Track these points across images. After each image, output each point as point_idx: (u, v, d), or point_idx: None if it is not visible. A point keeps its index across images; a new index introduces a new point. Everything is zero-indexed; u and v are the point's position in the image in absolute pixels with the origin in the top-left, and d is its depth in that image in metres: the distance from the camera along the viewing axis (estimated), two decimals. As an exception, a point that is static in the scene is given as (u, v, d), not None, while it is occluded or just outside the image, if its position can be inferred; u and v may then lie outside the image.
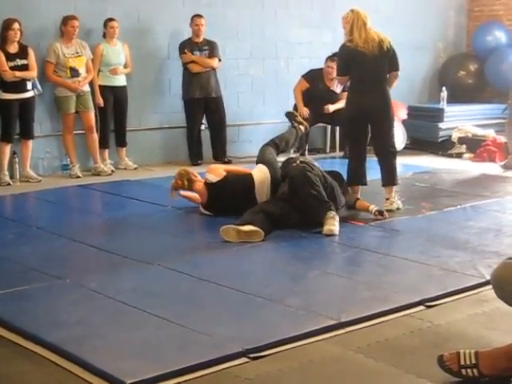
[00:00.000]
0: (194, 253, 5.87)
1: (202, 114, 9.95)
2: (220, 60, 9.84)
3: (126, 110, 9.43)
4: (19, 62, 8.49)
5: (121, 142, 9.53)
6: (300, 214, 6.44)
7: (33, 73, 8.60)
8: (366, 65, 7.04)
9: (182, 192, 7.18)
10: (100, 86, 9.20)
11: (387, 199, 7.19)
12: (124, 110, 9.41)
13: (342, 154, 10.47)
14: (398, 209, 7.15)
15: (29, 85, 8.60)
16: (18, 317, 4.43)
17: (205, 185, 7.00)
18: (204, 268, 5.40)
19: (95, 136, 9.14)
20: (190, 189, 7.11)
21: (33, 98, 8.67)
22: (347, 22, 7.08)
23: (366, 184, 7.22)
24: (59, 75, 8.88)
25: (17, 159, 8.82)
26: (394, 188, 7.30)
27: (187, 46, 9.70)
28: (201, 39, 9.78)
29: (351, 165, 7.31)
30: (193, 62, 9.69)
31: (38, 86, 8.70)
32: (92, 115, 9.11)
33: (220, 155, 10.02)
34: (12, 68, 8.46)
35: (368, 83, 7.09)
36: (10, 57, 8.46)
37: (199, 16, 9.71)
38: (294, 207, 6.46)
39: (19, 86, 8.52)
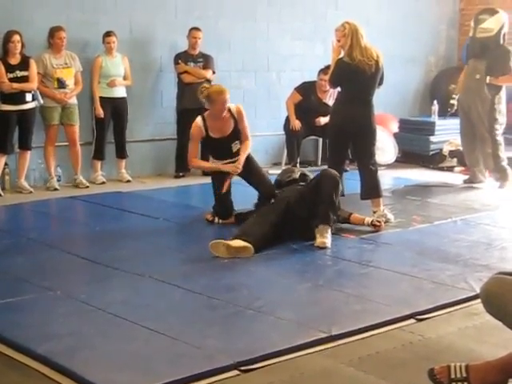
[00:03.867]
0: (185, 265, 5.86)
1: (191, 125, 9.92)
2: (214, 72, 9.85)
3: (126, 121, 9.42)
4: (19, 73, 8.47)
5: (121, 154, 9.52)
6: (300, 221, 6.44)
7: (31, 85, 8.57)
8: (361, 81, 7.04)
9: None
10: (99, 98, 9.20)
11: (374, 212, 7.19)
12: (124, 122, 9.40)
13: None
14: (387, 221, 7.15)
15: (28, 96, 8.56)
16: (8, 328, 4.42)
17: None
18: (195, 280, 5.40)
19: (78, 149, 9.11)
20: None
21: (33, 109, 8.66)
22: (344, 36, 7.03)
23: (343, 195, 7.15)
24: (46, 86, 8.87)
25: (7, 170, 8.81)
26: (382, 201, 7.31)
27: (182, 57, 9.72)
28: (197, 52, 9.79)
29: None
30: (186, 72, 9.71)
31: (39, 98, 8.68)
32: (76, 128, 9.08)
33: None
34: (11, 79, 8.43)
35: (358, 97, 7.11)
36: (10, 68, 8.44)
37: (197, 29, 9.73)
38: (295, 213, 6.47)
39: (18, 97, 8.50)
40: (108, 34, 9.18)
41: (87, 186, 9.05)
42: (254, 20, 10.67)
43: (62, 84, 8.88)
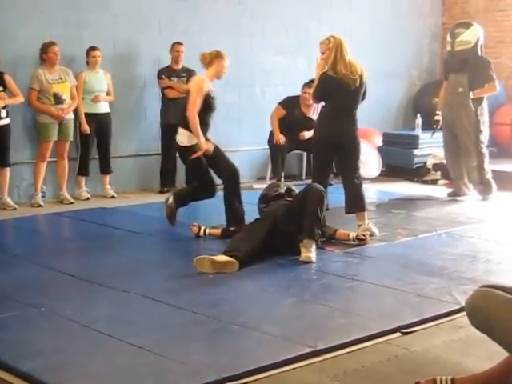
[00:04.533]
0: (170, 280, 5.85)
1: (175, 141, 9.92)
2: None
3: (110, 137, 9.41)
4: None
5: (105, 170, 9.50)
6: (286, 236, 6.45)
7: (20, 98, 8.57)
8: (345, 96, 7.07)
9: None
10: (84, 114, 9.18)
11: (359, 226, 7.20)
12: (108, 137, 9.39)
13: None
14: (372, 235, 7.16)
15: (3, 112, 8.50)
16: (-8, 346, 4.39)
17: None
18: (180, 296, 5.38)
19: (66, 163, 9.11)
20: None
21: (7, 125, 8.59)
22: (329, 49, 7.06)
23: (328, 209, 7.12)
24: (43, 102, 8.85)
25: (-9, 186, 8.80)
26: (366, 214, 7.31)
27: (165, 72, 9.72)
28: (180, 66, 9.81)
29: None
30: (169, 87, 9.71)
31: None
32: (68, 144, 9.09)
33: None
34: None
35: (342, 111, 7.13)
36: None
37: (179, 43, 9.76)
38: (282, 228, 6.48)
39: None
40: (92, 48, 9.18)
41: (72, 202, 9.02)
42: (237, 34, 10.70)
43: (58, 99, 8.87)
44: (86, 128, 9.15)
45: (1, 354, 4.27)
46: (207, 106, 7.54)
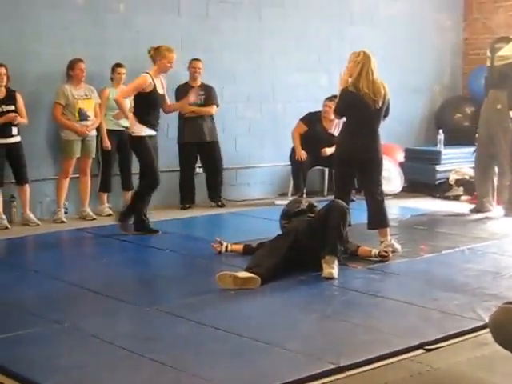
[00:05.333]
0: (192, 296, 5.84)
1: (195, 158, 10.01)
2: (218, 106, 9.90)
3: (131, 153, 9.44)
4: (5, 108, 8.43)
5: (126, 186, 9.52)
6: (308, 252, 6.43)
7: (23, 119, 8.55)
8: (366, 114, 7.03)
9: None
10: (106, 130, 9.25)
11: (381, 242, 7.18)
12: (129, 154, 9.40)
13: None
14: (395, 251, 7.13)
15: (14, 130, 8.50)
16: (15, 362, 4.40)
17: None
18: (202, 312, 5.38)
19: (88, 180, 9.16)
20: None
21: (19, 143, 8.59)
22: (355, 63, 7.00)
23: (350, 225, 7.09)
24: (68, 118, 8.90)
25: (15, 203, 8.84)
26: (389, 230, 7.29)
27: (183, 89, 9.75)
28: (198, 83, 9.84)
29: None
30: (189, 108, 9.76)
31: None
32: (90, 161, 9.14)
33: (214, 198, 10.07)
34: None
35: (363, 129, 7.09)
36: None
37: (197, 60, 9.80)
38: (304, 244, 6.46)
39: (3, 130, 8.43)
40: (118, 65, 9.23)
41: (94, 219, 9.06)
42: (258, 51, 10.74)
43: (83, 116, 8.93)
44: (108, 144, 9.20)
45: (24, 369, 4.29)
46: (151, 103, 7.91)
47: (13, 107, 8.49)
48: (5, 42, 8.71)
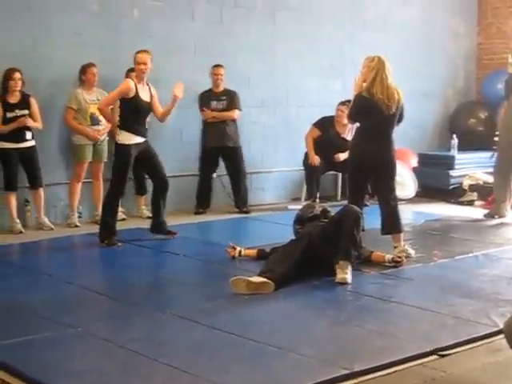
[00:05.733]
0: (206, 301, 5.85)
1: (215, 163, 10.00)
2: (240, 110, 9.91)
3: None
4: (19, 112, 8.46)
5: (140, 190, 9.56)
6: (322, 257, 6.43)
7: (32, 123, 8.56)
8: (379, 119, 7.02)
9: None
10: None
11: (395, 247, 7.16)
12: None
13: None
14: (408, 257, 7.11)
15: (28, 135, 8.54)
16: (29, 366, 4.42)
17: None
18: (216, 316, 5.38)
19: (101, 183, 9.18)
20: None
21: (33, 147, 8.62)
22: (370, 68, 6.99)
23: (363, 230, 7.05)
24: (80, 122, 8.93)
25: (29, 207, 8.87)
26: (402, 236, 7.27)
27: (205, 96, 9.77)
28: (220, 89, 9.87)
29: None
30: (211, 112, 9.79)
31: None
32: (102, 165, 9.16)
33: (239, 205, 10.04)
34: (11, 118, 8.43)
35: (377, 134, 7.08)
36: (9, 107, 8.45)
37: (219, 66, 9.83)
38: (317, 250, 6.46)
39: (18, 135, 8.47)
40: (133, 70, 9.23)
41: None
42: (272, 56, 10.75)
43: (95, 120, 8.94)
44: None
45: (38, 373, 4.30)
46: (134, 109, 7.82)
47: (27, 111, 8.51)
48: (18, 47, 8.73)
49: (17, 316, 5.45)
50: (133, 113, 7.82)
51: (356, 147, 7.32)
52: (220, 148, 9.87)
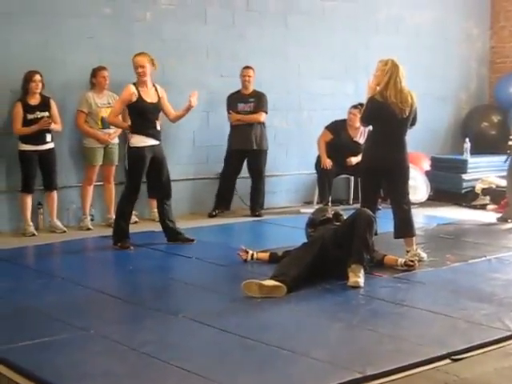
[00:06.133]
0: (218, 304, 5.85)
1: (239, 166, 10.00)
2: (267, 113, 9.93)
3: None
4: (39, 114, 8.53)
5: (152, 193, 9.55)
6: (334, 261, 6.42)
7: (53, 125, 8.62)
8: (392, 123, 7.01)
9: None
10: None
11: (408, 251, 7.14)
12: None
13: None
14: (421, 260, 7.09)
15: (48, 137, 8.62)
16: (42, 368, 4.43)
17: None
18: (228, 320, 5.38)
19: (112, 186, 9.21)
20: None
21: (52, 149, 8.70)
22: (383, 72, 6.97)
23: (376, 234, 7.02)
24: (91, 125, 8.97)
25: (42, 210, 8.90)
26: (415, 240, 7.25)
27: (233, 98, 9.78)
28: (249, 91, 9.89)
29: None
30: (238, 114, 9.82)
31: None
32: (113, 168, 9.19)
33: (254, 208, 10.03)
34: (31, 120, 8.51)
35: (389, 138, 7.07)
36: (29, 109, 8.52)
37: (248, 67, 9.88)
38: (330, 253, 6.45)
39: (38, 137, 8.54)
40: None
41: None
42: (284, 59, 10.76)
43: (106, 124, 8.94)
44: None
45: (51, 376, 4.30)
46: (139, 112, 7.83)
47: (47, 113, 8.59)
48: (31, 50, 8.78)
49: (29, 318, 5.47)
50: (139, 116, 7.83)
51: (368, 151, 7.31)
52: (244, 151, 9.87)
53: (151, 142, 7.88)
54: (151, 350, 4.70)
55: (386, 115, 6.97)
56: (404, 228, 7.19)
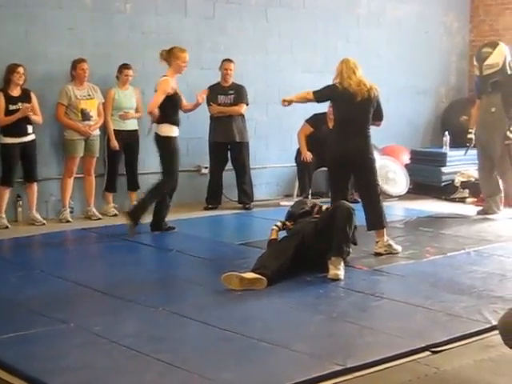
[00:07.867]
0: (199, 297, 5.85)
1: (224, 159, 10.01)
2: (247, 104, 9.93)
3: (137, 154, 9.46)
4: (21, 105, 8.49)
5: (132, 186, 9.53)
6: (315, 253, 6.44)
7: (34, 116, 8.60)
8: (353, 106, 7.05)
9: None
10: (113, 130, 9.25)
11: (377, 242, 7.18)
12: (135, 154, 9.43)
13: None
14: (392, 253, 7.13)
15: (30, 128, 8.58)
16: (21, 361, 4.41)
17: None
18: (208, 312, 5.38)
19: (92, 179, 9.18)
20: None
21: (33, 141, 8.67)
22: (336, 71, 7.20)
23: (355, 227, 7.07)
24: (70, 118, 8.93)
25: (21, 202, 8.85)
26: (385, 231, 7.27)
27: (213, 89, 9.76)
28: (228, 83, 9.89)
29: None
30: (217, 106, 9.82)
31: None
32: (94, 160, 9.15)
33: (243, 200, 10.03)
34: (13, 111, 8.47)
35: (352, 126, 7.10)
36: (11, 100, 8.48)
37: (229, 60, 9.87)
38: (310, 246, 6.46)
39: (20, 129, 8.52)
40: (126, 66, 9.24)
41: (100, 218, 9.07)
42: (265, 52, 10.75)
43: (86, 116, 8.93)
44: (116, 144, 9.20)
45: (30, 369, 4.29)
46: (175, 104, 8.14)
47: (28, 105, 8.53)
48: (12, 41, 8.74)
49: (9, 311, 5.45)
50: (173, 107, 8.16)
51: (330, 145, 7.34)
52: (227, 143, 9.87)
53: (177, 132, 8.21)
54: (132, 343, 4.70)
55: (348, 99, 7.03)
56: (375, 220, 7.20)
